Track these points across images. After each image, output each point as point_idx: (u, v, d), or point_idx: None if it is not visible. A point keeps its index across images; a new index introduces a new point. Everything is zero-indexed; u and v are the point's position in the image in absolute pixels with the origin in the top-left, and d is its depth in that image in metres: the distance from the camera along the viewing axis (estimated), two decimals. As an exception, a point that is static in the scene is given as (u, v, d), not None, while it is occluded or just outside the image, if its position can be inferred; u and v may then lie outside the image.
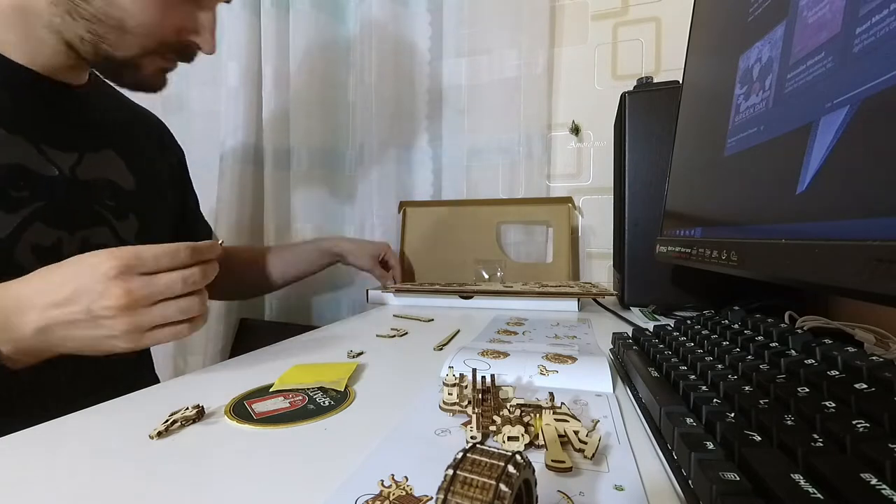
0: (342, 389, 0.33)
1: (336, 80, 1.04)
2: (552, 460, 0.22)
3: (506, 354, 0.38)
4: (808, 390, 0.22)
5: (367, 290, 0.79)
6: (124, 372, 0.53)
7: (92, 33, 0.43)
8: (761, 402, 0.22)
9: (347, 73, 1.06)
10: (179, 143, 0.70)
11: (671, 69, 0.85)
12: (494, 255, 0.90)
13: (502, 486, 0.13)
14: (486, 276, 0.86)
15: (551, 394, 0.28)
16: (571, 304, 0.68)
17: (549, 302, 0.69)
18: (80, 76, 0.51)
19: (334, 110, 1.05)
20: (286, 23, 0.99)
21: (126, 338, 0.34)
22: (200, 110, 1.13)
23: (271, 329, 1.00)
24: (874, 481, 0.14)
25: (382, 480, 0.21)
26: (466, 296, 0.73)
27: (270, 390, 0.33)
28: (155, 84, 0.50)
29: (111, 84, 0.51)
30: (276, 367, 0.39)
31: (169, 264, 0.35)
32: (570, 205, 0.89)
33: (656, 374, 0.30)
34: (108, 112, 0.56)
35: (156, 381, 0.62)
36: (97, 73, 0.51)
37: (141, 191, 0.55)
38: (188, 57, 0.50)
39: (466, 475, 0.14)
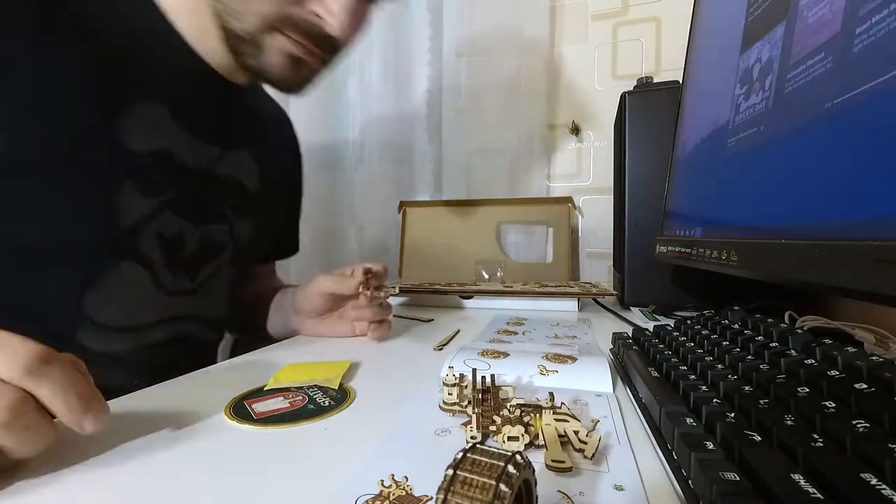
0: (336, 388, 0.33)
1: (336, 80, 1.04)
2: (552, 460, 0.22)
3: (506, 354, 0.38)
4: (808, 390, 0.22)
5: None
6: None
7: (218, 1, 0.42)
8: (761, 402, 0.22)
9: (347, 73, 1.06)
10: None
11: (671, 69, 0.85)
12: (494, 255, 0.90)
13: (502, 486, 0.13)
14: (486, 276, 0.86)
15: (551, 394, 0.28)
16: (571, 304, 0.68)
17: (549, 302, 0.69)
18: (242, 75, 0.49)
19: (334, 110, 1.05)
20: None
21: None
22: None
23: (271, 329, 1.00)
24: (874, 481, 0.14)
25: (382, 480, 0.21)
26: (466, 296, 0.73)
27: (265, 389, 0.33)
28: (284, 75, 0.45)
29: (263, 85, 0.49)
30: (275, 367, 0.39)
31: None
32: (570, 205, 0.89)
33: (656, 374, 0.30)
34: (256, 113, 0.56)
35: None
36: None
37: (261, 195, 0.56)
38: (315, 39, 0.43)
39: (466, 475, 0.14)
